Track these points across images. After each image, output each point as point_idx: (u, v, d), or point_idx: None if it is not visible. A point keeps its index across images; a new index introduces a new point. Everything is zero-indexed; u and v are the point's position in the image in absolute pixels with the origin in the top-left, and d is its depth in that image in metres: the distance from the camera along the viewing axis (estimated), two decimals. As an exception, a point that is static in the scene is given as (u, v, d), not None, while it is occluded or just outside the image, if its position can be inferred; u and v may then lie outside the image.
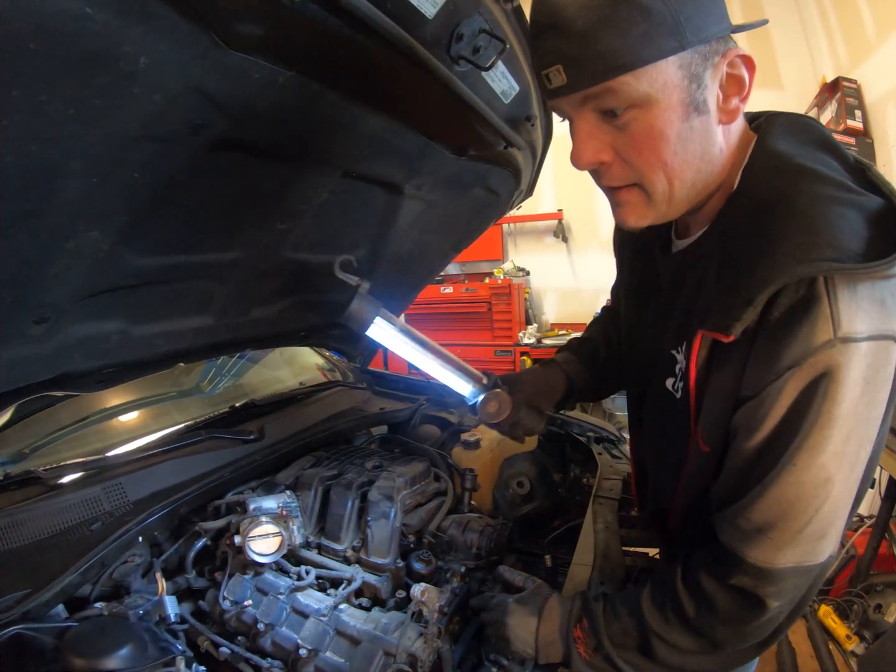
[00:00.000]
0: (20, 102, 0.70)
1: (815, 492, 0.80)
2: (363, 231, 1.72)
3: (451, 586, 1.41)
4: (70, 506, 1.43)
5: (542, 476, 2.16)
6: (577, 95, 0.80)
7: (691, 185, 0.88)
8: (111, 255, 1.11)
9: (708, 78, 0.80)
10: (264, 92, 0.92)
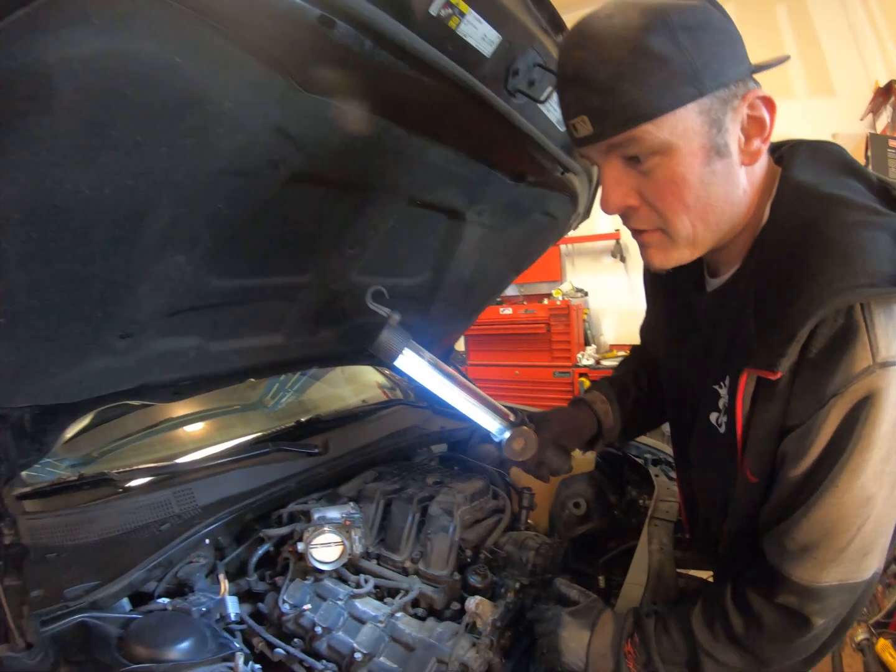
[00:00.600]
0: (119, 142, 0.80)
1: (857, 511, 0.82)
2: (427, 256, 1.79)
3: (506, 601, 1.44)
4: (141, 507, 1.54)
5: (598, 497, 2.16)
6: (603, 144, 0.84)
7: (715, 226, 0.90)
8: (193, 277, 1.20)
9: (728, 121, 0.82)
10: (336, 129, 1.00)
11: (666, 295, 1.26)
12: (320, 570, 1.48)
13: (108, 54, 0.69)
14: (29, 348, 1.10)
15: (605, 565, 1.85)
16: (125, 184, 0.87)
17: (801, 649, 0.96)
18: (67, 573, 1.29)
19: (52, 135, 0.74)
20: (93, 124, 0.76)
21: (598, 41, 0.78)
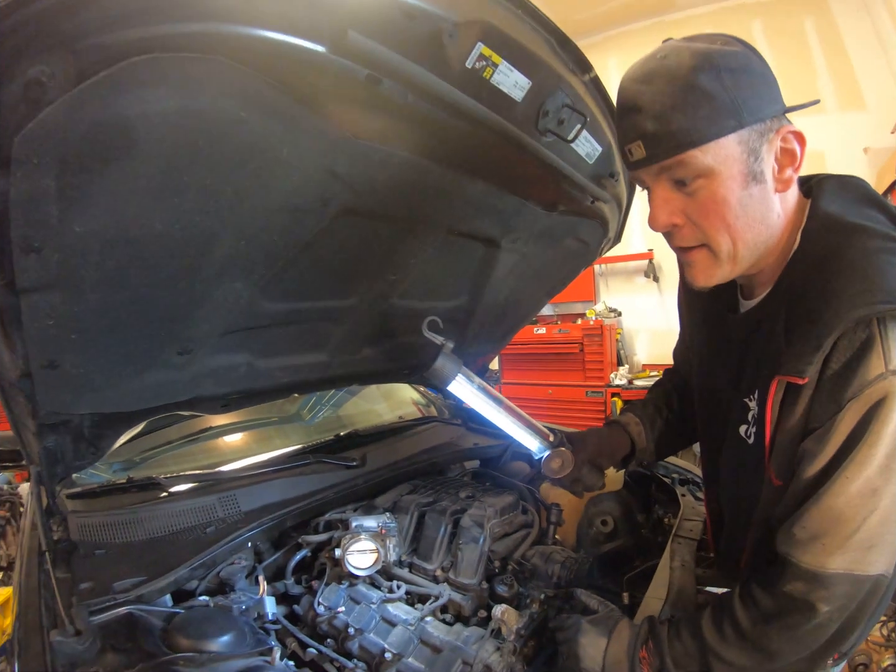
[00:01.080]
0: (189, 185, 0.92)
1: (863, 501, 0.90)
2: (463, 281, 1.87)
3: (530, 611, 1.50)
4: (188, 510, 1.64)
5: (626, 515, 2.21)
6: (655, 167, 0.96)
7: (753, 245, 1.00)
8: (248, 301, 1.31)
9: (764, 151, 0.93)
10: (382, 170, 1.10)
11: (701, 317, 1.35)
12: (355, 576, 1.56)
13: (182, 111, 0.81)
14: (96, 362, 1.21)
15: (629, 582, 1.89)
16: (192, 220, 0.98)
17: (807, 640, 0.99)
18: (115, 568, 1.39)
19: (132, 178, 0.86)
20: (168, 170, 0.88)
21: (654, 77, 0.91)
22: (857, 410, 0.89)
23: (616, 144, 1.37)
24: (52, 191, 0.80)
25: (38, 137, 0.73)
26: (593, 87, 1.26)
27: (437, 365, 1.41)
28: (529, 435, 1.55)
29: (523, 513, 1.93)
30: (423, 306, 1.83)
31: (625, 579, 1.89)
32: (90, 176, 0.83)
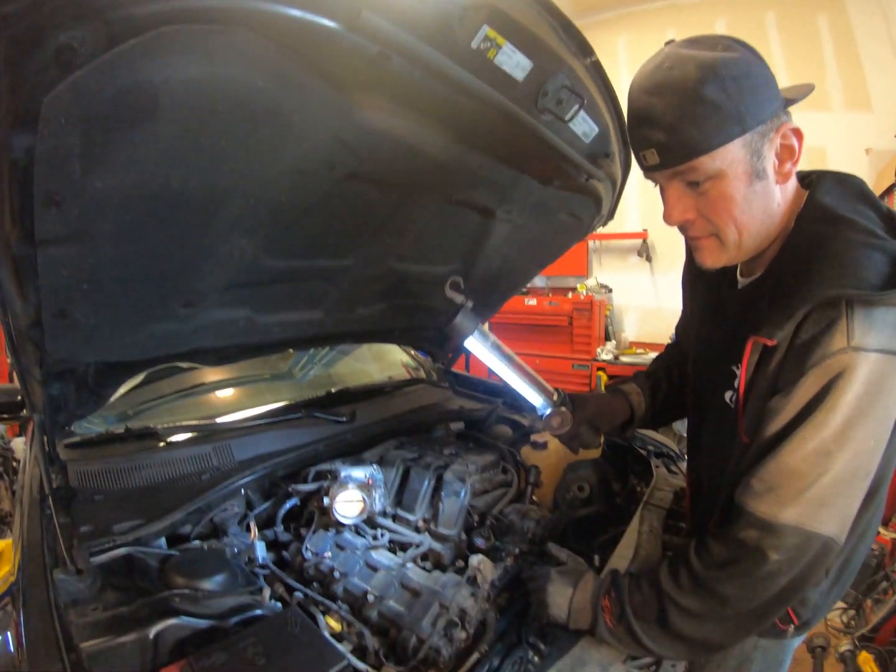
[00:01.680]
0: (207, 147, 0.98)
1: (817, 461, 0.99)
2: (458, 248, 1.93)
3: (505, 564, 1.60)
4: (184, 458, 1.72)
5: (602, 484, 2.29)
6: (668, 171, 1.06)
7: (756, 234, 1.11)
8: (252, 258, 1.38)
9: (766, 150, 1.03)
10: (386, 138, 1.16)
11: (703, 291, 1.45)
12: (342, 524, 1.64)
13: (204, 78, 0.87)
14: (105, 312, 1.28)
15: (601, 546, 1.98)
16: (206, 179, 1.05)
17: (758, 588, 1.06)
18: (114, 513, 1.45)
19: (154, 139, 0.92)
20: (188, 132, 0.94)
21: (663, 90, 0.99)
22: (818, 377, 0.98)
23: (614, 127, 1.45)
24: (76, 149, 0.85)
25: (66, 99, 0.77)
26: (594, 71, 1.30)
27: (457, 321, 1.50)
28: (535, 392, 1.64)
29: (503, 472, 2.02)
30: (418, 270, 1.89)
31: (597, 543, 1.99)
32: (114, 136, 0.88)
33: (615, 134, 1.53)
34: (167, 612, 1.20)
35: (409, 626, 1.38)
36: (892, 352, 0.96)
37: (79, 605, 1.21)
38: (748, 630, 1.16)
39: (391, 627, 1.42)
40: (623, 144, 1.61)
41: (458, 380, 2.95)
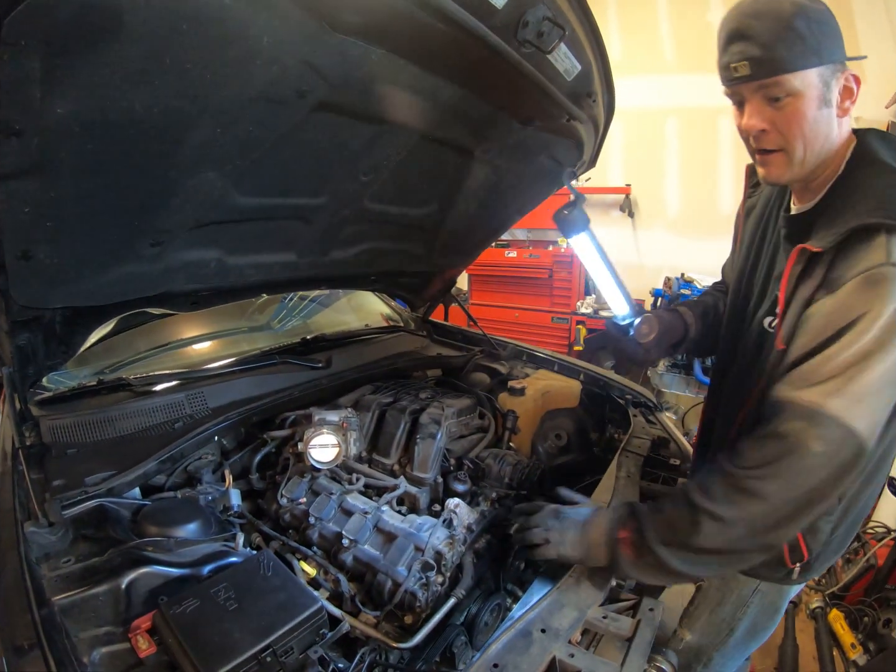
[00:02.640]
0: (172, 68, 0.92)
1: (859, 359, 1.07)
2: (435, 189, 1.88)
3: (481, 508, 1.60)
4: (157, 408, 1.69)
5: (580, 432, 2.31)
6: (754, 84, 1.18)
7: (816, 155, 1.23)
8: (221, 193, 1.32)
9: (833, 85, 1.17)
10: (359, 65, 1.11)
11: (752, 226, 1.56)
12: (317, 469, 1.64)
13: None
14: (70, 252, 1.22)
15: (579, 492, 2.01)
16: (171, 104, 0.99)
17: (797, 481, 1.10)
18: (86, 465, 1.43)
19: (117, 60, 0.86)
20: (151, 52, 0.88)
21: (762, 15, 1.14)
22: (860, 285, 1.09)
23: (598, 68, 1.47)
24: (36, 73, 0.81)
25: (27, 19, 0.73)
26: (577, 7, 1.26)
27: (572, 215, 1.57)
28: (624, 299, 1.73)
29: (480, 417, 2.02)
30: (393, 211, 1.85)
31: (574, 490, 2.01)
32: (75, 58, 0.83)
33: (599, 74, 1.49)
34: (139, 561, 1.20)
35: (384, 569, 1.39)
36: None
37: (51, 558, 1.20)
38: (778, 536, 1.19)
39: (367, 572, 1.43)
40: (606, 86, 1.57)
41: (436, 328, 2.94)
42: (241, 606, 1.10)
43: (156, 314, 1.73)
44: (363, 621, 1.32)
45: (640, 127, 5.84)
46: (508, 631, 1.14)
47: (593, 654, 1.16)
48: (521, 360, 2.65)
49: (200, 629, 1.05)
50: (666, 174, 5.95)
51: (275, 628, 1.06)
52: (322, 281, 2.18)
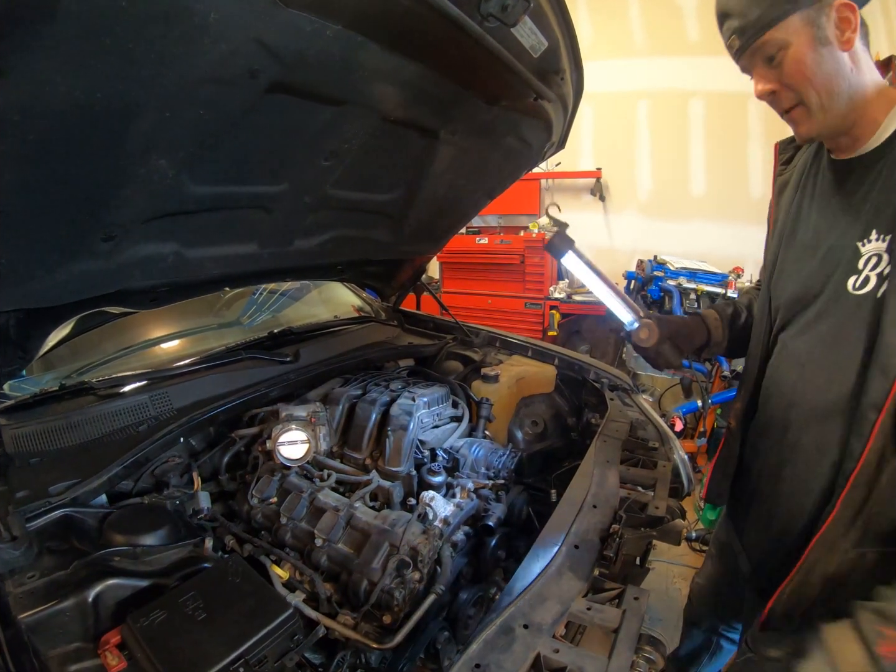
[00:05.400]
0: (113, 49, 0.85)
1: None
2: (400, 173, 1.83)
3: (457, 500, 1.57)
4: (120, 411, 1.63)
5: (556, 418, 2.30)
6: (748, 52, 1.22)
7: (836, 95, 1.20)
8: (174, 182, 1.25)
9: (824, 22, 1.15)
10: (314, 42, 1.04)
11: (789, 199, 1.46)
12: (287, 466, 1.59)
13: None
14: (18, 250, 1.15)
15: (557, 480, 1.99)
16: (115, 88, 0.92)
17: None
18: (51, 474, 1.38)
19: (54, 42, 0.79)
20: (90, 32, 0.81)
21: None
22: None
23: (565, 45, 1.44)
24: (-31, 62, 0.74)
25: None
26: None
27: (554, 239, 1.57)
28: (623, 307, 1.69)
29: (454, 406, 1.98)
30: (358, 197, 1.80)
31: (553, 477, 1.99)
32: (9, 43, 0.76)
33: (566, 51, 1.45)
34: (105, 572, 1.16)
35: (358, 569, 1.35)
36: None
37: (15, 574, 1.15)
38: None
39: (342, 571, 1.39)
40: (574, 64, 1.54)
41: (407, 317, 2.89)
42: (210, 616, 1.06)
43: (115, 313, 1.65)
44: (341, 623, 1.29)
45: (611, 111, 5.86)
46: (489, 628, 1.10)
47: (579, 648, 1.12)
48: (494, 346, 2.61)
49: (170, 642, 1.01)
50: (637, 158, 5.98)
51: (246, 637, 1.03)
52: (287, 272, 2.11)
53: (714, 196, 5.51)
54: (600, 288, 1.69)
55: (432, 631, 1.29)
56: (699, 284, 4.51)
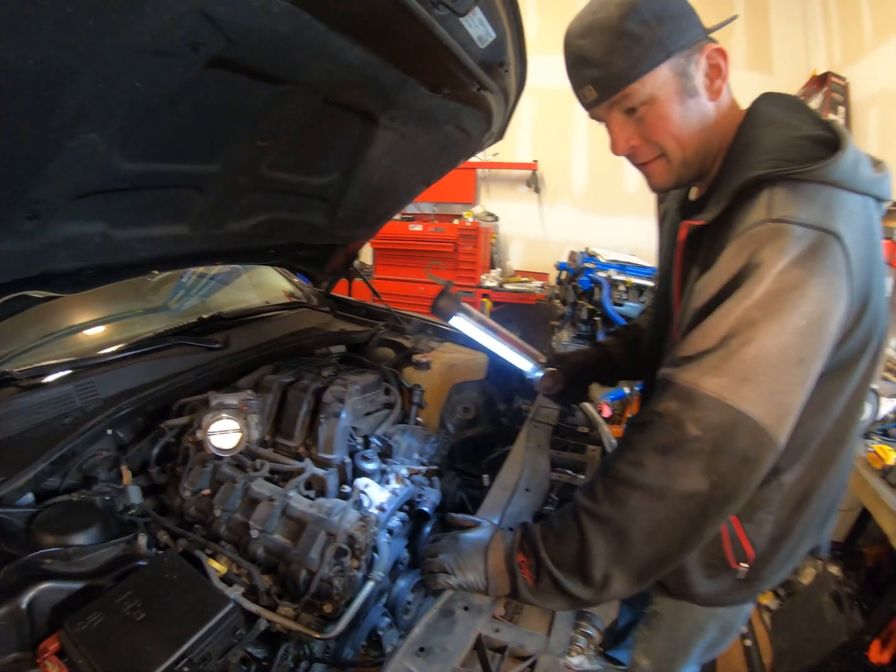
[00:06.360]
0: (51, 12, 0.79)
1: (740, 329, 0.95)
2: (337, 156, 1.80)
3: (392, 487, 1.57)
4: (44, 403, 1.53)
5: (487, 404, 2.33)
6: (605, 104, 1.13)
7: (698, 149, 1.16)
8: (105, 157, 1.18)
9: (693, 70, 1.09)
10: (260, 18, 1.01)
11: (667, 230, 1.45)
12: (219, 457, 1.55)
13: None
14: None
15: (489, 465, 2.02)
16: (49, 54, 0.85)
17: (681, 471, 0.96)
18: None
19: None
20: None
21: (591, 31, 1.08)
22: (738, 248, 0.98)
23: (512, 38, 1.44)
24: None
25: None
26: None
27: (441, 303, 1.57)
28: (523, 357, 1.71)
29: (386, 393, 1.97)
30: (293, 180, 1.76)
31: (485, 462, 2.02)
32: None
33: (512, 44, 1.46)
34: (37, 576, 1.09)
35: (296, 559, 1.34)
36: (822, 228, 0.94)
37: None
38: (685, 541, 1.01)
39: (279, 562, 1.37)
40: (519, 57, 1.55)
41: (339, 303, 2.86)
42: (149, 615, 1.02)
43: (38, 297, 1.55)
44: (282, 614, 1.27)
45: (550, 105, 5.96)
46: (431, 611, 1.12)
47: (519, 627, 1.15)
48: (426, 333, 2.62)
49: (110, 645, 0.96)
50: (573, 152, 6.13)
51: (188, 635, 0.99)
52: (218, 255, 2.05)
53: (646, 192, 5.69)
54: (496, 344, 1.71)
55: (373, 618, 1.29)
56: (628, 277, 4.68)
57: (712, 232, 1.08)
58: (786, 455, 1.02)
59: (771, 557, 1.24)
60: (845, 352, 1.05)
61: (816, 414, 1.08)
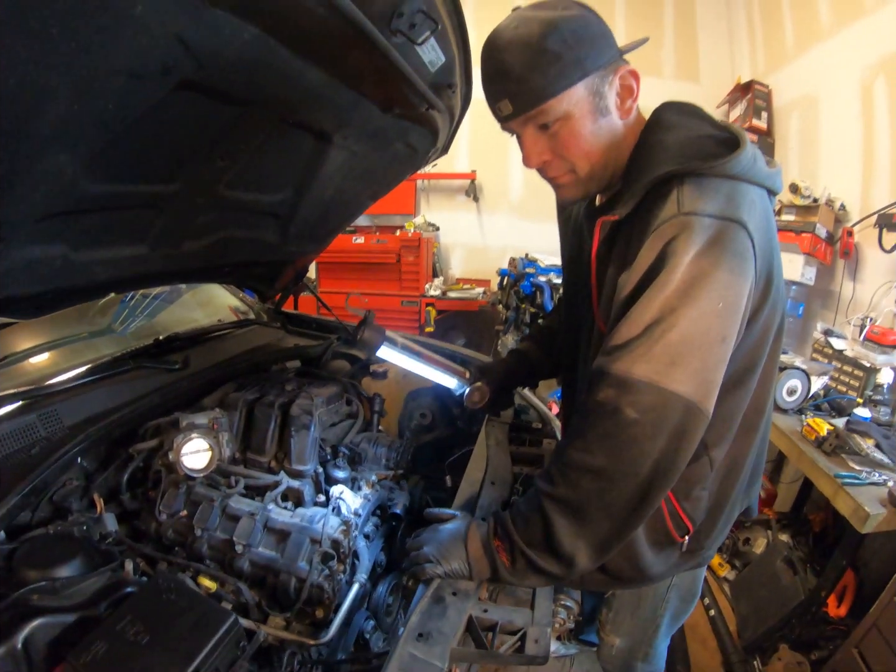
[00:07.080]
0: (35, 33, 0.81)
1: (663, 316, 1.03)
2: (291, 174, 1.83)
3: (364, 492, 1.62)
4: (6, 434, 1.47)
5: (442, 409, 2.39)
6: (521, 118, 1.17)
7: (606, 164, 1.23)
8: (72, 179, 1.18)
9: (606, 91, 1.16)
10: (231, 43, 1.04)
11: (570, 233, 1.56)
12: (192, 477, 1.55)
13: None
14: None
15: (450, 467, 2.09)
16: (29, 74, 0.86)
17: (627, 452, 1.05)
18: None
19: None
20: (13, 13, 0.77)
21: (511, 47, 1.10)
22: (654, 242, 1.06)
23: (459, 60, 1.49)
24: None
25: None
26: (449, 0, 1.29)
27: (365, 335, 1.60)
28: (449, 376, 1.78)
29: (348, 404, 2.02)
30: (248, 198, 1.78)
31: (446, 464, 2.09)
32: None
33: (460, 67, 1.53)
34: (28, 613, 1.06)
35: (285, 568, 1.37)
36: (727, 218, 1.04)
37: None
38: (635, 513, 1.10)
39: (267, 574, 1.39)
40: (465, 79, 1.62)
41: (289, 319, 2.88)
42: (154, 637, 1.01)
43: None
44: (274, 626, 1.30)
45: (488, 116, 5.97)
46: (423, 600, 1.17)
47: (504, 606, 1.22)
48: None
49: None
50: (510, 161, 6.27)
51: (197, 651, 0.99)
52: (175, 275, 2.04)
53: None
54: (421, 367, 1.79)
55: (359, 622, 1.33)
56: (567, 279, 4.78)
57: (626, 231, 1.16)
58: (713, 432, 1.16)
59: (709, 527, 1.37)
60: (758, 328, 1.17)
61: (737, 390, 1.20)
